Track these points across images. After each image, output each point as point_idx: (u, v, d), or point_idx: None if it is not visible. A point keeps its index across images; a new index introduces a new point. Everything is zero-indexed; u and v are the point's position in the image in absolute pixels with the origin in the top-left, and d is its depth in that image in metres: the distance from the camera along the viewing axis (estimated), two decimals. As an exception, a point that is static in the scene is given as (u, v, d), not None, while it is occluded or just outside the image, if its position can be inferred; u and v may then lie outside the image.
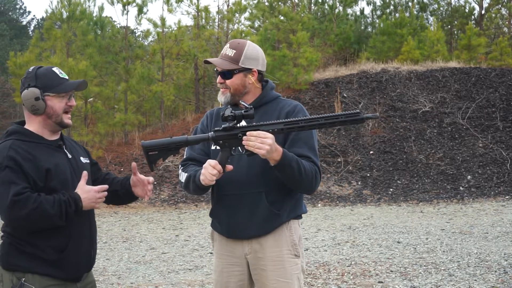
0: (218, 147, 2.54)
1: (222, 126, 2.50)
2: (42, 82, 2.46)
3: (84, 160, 2.66)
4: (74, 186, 2.48)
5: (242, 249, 2.68)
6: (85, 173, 2.52)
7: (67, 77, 2.55)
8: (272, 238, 2.64)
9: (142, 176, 2.67)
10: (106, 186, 2.53)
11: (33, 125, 2.52)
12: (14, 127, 2.53)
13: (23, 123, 2.58)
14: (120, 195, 2.71)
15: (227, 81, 2.65)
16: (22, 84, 2.50)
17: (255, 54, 2.67)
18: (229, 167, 2.50)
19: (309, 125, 2.46)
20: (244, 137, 2.43)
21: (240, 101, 2.56)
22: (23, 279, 2.41)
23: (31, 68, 2.53)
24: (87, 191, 2.45)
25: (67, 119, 2.52)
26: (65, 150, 2.58)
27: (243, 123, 2.52)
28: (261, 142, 2.38)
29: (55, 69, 2.53)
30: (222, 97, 2.68)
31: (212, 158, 2.59)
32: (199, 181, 2.53)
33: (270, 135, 2.41)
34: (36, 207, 2.31)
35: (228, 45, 2.71)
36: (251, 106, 2.48)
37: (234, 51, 2.65)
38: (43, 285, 2.43)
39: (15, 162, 2.35)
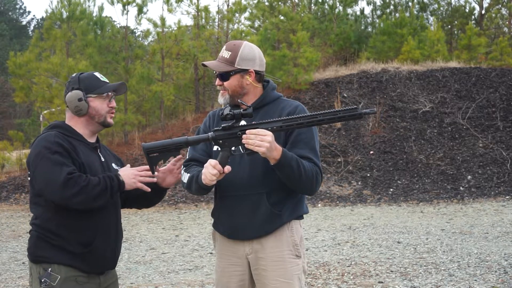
0: (219, 148, 2.54)
1: (221, 125, 2.50)
2: (84, 85, 2.65)
3: (116, 166, 2.77)
4: None
5: (243, 249, 2.68)
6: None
7: (107, 81, 2.72)
8: (273, 239, 2.64)
9: (165, 167, 2.77)
10: (146, 166, 2.64)
11: (75, 125, 2.66)
12: (57, 122, 2.69)
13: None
14: (149, 196, 2.76)
15: (225, 83, 2.66)
16: (66, 88, 2.69)
17: (251, 54, 2.66)
18: (227, 168, 2.49)
19: (307, 122, 2.46)
20: (244, 136, 2.43)
21: (238, 100, 2.56)
22: (50, 269, 2.52)
23: (74, 74, 2.74)
24: (125, 169, 2.64)
25: (110, 118, 2.72)
26: (99, 153, 2.71)
27: (243, 122, 2.52)
28: (261, 139, 2.38)
29: (96, 73, 2.73)
30: (221, 99, 2.69)
31: (213, 158, 2.59)
32: (201, 181, 2.53)
33: (270, 133, 2.40)
34: (86, 184, 2.47)
35: (224, 47, 2.71)
36: (250, 106, 2.49)
37: (230, 52, 2.65)
38: (68, 275, 2.53)
39: (63, 148, 2.52)
